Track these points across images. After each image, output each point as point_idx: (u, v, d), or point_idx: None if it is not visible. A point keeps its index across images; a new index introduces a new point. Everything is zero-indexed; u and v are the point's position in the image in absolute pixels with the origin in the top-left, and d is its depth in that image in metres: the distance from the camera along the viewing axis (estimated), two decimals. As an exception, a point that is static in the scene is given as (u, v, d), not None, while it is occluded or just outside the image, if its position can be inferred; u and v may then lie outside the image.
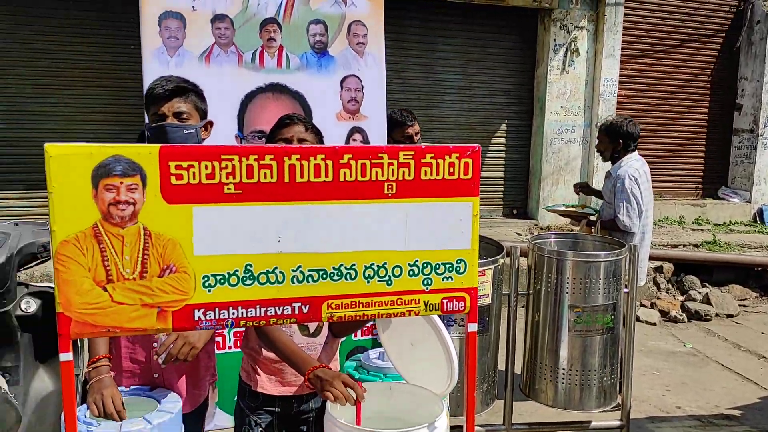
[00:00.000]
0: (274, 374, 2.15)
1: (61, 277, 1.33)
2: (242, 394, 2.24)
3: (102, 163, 1.31)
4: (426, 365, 1.88)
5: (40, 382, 2.90)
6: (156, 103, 2.18)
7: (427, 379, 1.89)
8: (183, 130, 2.18)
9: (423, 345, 1.85)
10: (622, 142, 4.22)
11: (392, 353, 2.01)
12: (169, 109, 2.18)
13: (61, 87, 6.82)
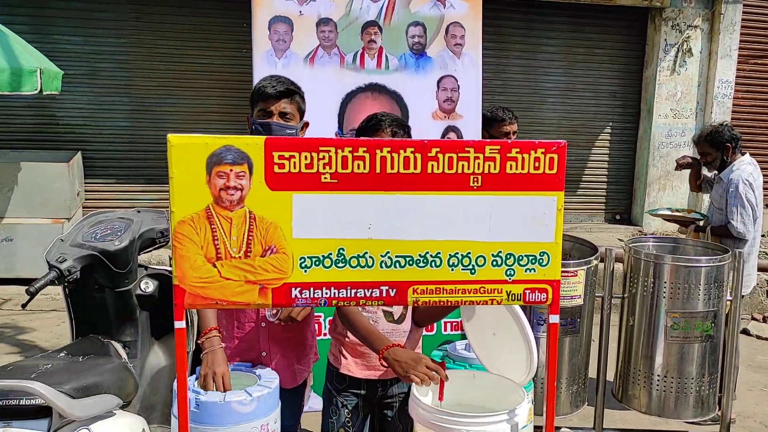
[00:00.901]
0: (359, 357, 2.27)
1: (177, 253, 1.49)
2: (330, 377, 2.37)
3: (215, 152, 1.47)
4: (507, 355, 1.93)
5: (155, 357, 3.17)
6: (265, 101, 2.34)
7: (509, 369, 1.94)
8: (286, 130, 2.34)
9: (504, 335, 1.90)
10: (730, 146, 4.05)
11: (475, 343, 2.07)
12: (276, 108, 2.34)
13: (181, 88, 7.32)
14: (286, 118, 2.36)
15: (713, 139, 4.11)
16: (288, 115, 2.36)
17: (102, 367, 2.36)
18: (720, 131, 4.10)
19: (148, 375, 3.07)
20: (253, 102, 2.41)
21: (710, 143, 4.12)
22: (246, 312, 2.33)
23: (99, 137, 7.33)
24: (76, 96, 7.06)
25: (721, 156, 4.11)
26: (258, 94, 2.38)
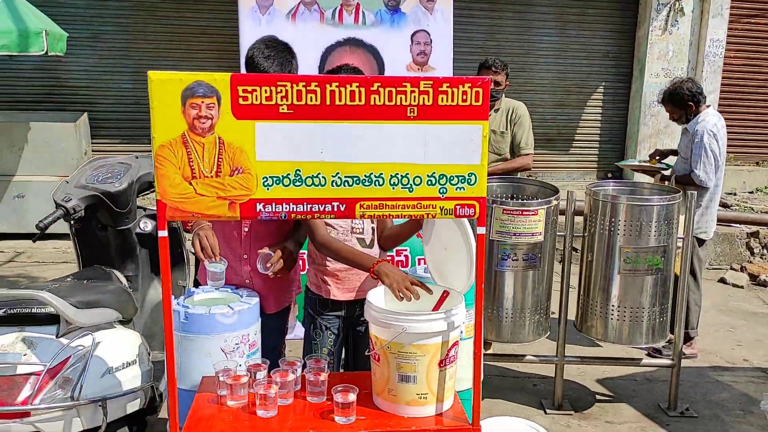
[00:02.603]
0: (340, 282, 2.56)
1: (159, 173, 1.78)
2: (311, 304, 2.66)
3: (188, 87, 1.74)
4: (454, 267, 2.21)
5: (154, 291, 3.49)
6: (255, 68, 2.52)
7: (454, 279, 2.22)
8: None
9: (453, 250, 2.18)
10: (692, 104, 4.25)
11: (430, 260, 2.36)
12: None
13: (180, 50, 7.57)
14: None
15: (674, 97, 4.29)
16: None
17: (104, 288, 2.68)
18: (679, 91, 4.27)
19: (148, 307, 3.40)
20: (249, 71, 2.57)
21: (672, 102, 4.32)
22: (233, 248, 2.62)
23: (103, 98, 7.61)
24: (81, 58, 7.32)
25: (685, 114, 4.30)
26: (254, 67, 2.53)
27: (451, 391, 2.12)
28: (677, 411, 3.68)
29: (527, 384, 4.00)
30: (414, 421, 2.02)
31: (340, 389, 2.00)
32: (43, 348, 2.22)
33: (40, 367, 2.17)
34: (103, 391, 2.31)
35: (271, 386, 2.03)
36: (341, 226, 2.48)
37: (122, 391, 2.40)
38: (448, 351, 2.04)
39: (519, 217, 3.28)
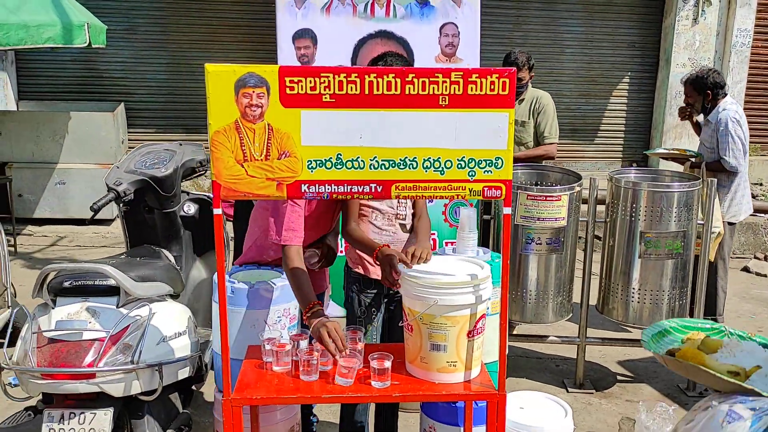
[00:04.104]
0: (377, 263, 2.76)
1: (214, 156, 1.96)
2: (355, 283, 2.83)
3: (241, 78, 1.92)
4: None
5: (196, 271, 3.70)
6: None
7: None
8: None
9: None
10: (710, 93, 4.33)
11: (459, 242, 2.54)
12: None
13: (215, 42, 7.77)
14: None
15: (696, 83, 4.38)
16: None
17: (156, 264, 2.89)
18: (704, 77, 4.36)
19: (191, 286, 3.61)
20: None
21: (693, 87, 4.41)
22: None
23: (140, 89, 7.86)
24: (117, 50, 7.55)
25: (702, 101, 4.39)
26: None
27: (479, 360, 2.29)
28: (696, 392, 3.80)
29: (550, 364, 4.15)
30: (444, 387, 2.20)
31: (377, 356, 2.18)
32: (105, 317, 2.44)
33: (104, 333, 2.39)
34: (159, 357, 2.52)
35: (312, 353, 2.21)
36: (387, 212, 2.68)
37: (175, 358, 2.61)
38: (476, 323, 2.21)
39: (543, 203, 3.42)
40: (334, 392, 2.17)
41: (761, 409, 1.15)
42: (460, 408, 2.56)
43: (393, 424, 3.04)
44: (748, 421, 1.13)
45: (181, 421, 2.75)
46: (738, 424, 1.13)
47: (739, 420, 1.14)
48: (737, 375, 1.32)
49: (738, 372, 1.32)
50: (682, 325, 1.62)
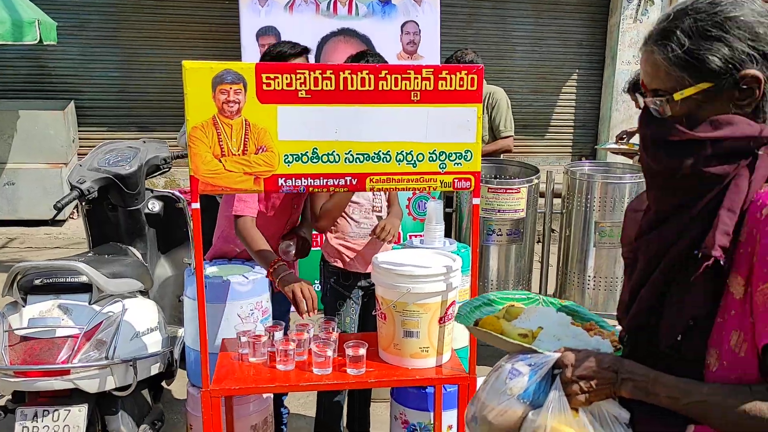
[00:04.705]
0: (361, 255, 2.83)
1: (192, 151, 2.00)
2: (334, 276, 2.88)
3: (218, 74, 1.96)
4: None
5: (161, 269, 3.70)
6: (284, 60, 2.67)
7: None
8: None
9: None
10: None
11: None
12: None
13: (168, 39, 7.67)
14: None
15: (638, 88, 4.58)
16: None
17: (125, 261, 2.89)
18: None
19: (156, 284, 3.61)
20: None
21: (638, 92, 4.61)
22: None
23: (90, 87, 7.70)
24: (67, 47, 7.39)
25: None
26: (279, 56, 2.70)
27: (449, 346, 2.38)
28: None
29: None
30: (417, 372, 2.28)
31: (352, 344, 2.24)
32: (78, 313, 2.43)
33: (77, 330, 2.39)
34: (133, 353, 2.53)
35: (288, 343, 2.27)
36: (364, 205, 2.76)
37: (148, 353, 2.62)
38: (447, 309, 2.30)
39: (503, 195, 3.55)
40: (311, 380, 2.23)
41: (536, 364, 1.28)
42: (429, 393, 2.66)
43: (365, 415, 3.12)
44: (526, 376, 1.26)
45: (155, 416, 2.77)
46: (518, 379, 1.27)
47: (519, 375, 1.27)
48: (526, 337, 1.45)
49: (527, 334, 1.45)
50: (502, 297, 1.77)
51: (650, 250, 1.20)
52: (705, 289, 1.12)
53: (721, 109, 1.14)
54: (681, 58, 1.14)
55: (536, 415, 1.24)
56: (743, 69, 1.11)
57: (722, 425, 1.11)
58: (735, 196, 1.09)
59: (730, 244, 1.09)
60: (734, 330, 1.10)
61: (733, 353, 1.11)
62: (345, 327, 2.84)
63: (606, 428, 1.23)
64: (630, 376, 1.19)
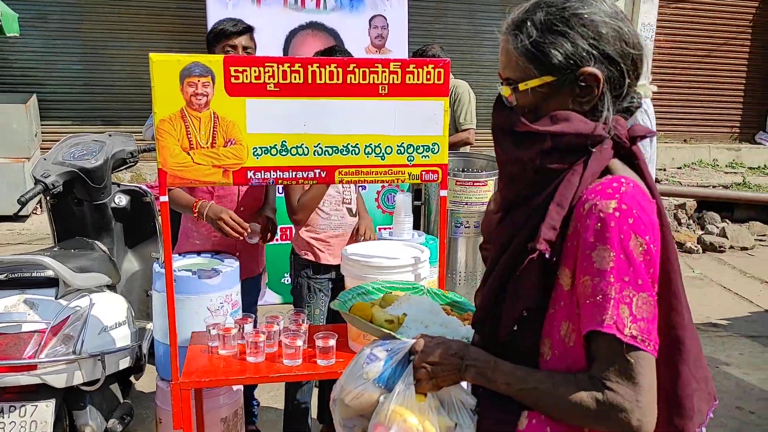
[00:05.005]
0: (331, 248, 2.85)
1: (160, 144, 1.99)
2: (304, 269, 2.89)
3: (186, 67, 1.96)
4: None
5: (128, 263, 3.66)
6: (228, 38, 2.71)
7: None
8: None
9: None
10: None
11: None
12: (240, 43, 2.72)
13: (132, 31, 7.56)
14: (247, 52, 2.75)
15: None
16: (249, 49, 2.76)
17: (91, 255, 2.87)
18: None
19: (123, 278, 3.57)
20: (214, 41, 2.75)
21: None
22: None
23: (53, 80, 7.56)
24: (29, 39, 7.24)
25: None
26: (220, 33, 2.72)
27: (418, 335, 2.42)
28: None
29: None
30: (386, 362, 2.31)
31: (321, 335, 2.26)
32: (44, 308, 2.41)
33: (43, 325, 2.36)
34: (101, 347, 2.51)
35: (258, 335, 2.28)
36: (334, 197, 2.77)
37: (116, 347, 2.61)
38: (415, 299, 2.33)
39: (470, 188, 3.60)
40: (281, 371, 2.24)
41: (393, 349, 1.31)
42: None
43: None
44: (382, 361, 1.30)
45: (123, 410, 2.75)
46: (374, 364, 1.30)
47: (376, 360, 1.31)
48: (392, 323, 1.48)
49: (393, 320, 1.49)
50: (387, 285, 1.81)
51: (497, 241, 1.22)
52: (536, 281, 1.13)
53: (563, 104, 1.15)
54: (528, 49, 1.16)
55: (386, 398, 1.27)
56: (584, 66, 1.13)
57: (550, 412, 1.14)
58: (565, 191, 1.11)
59: (558, 238, 1.11)
60: (564, 321, 1.13)
61: (563, 343, 1.13)
62: (315, 319, 2.86)
63: (453, 413, 1.26)
64: (473, 363, 1.20)
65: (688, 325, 1.18)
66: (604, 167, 1.13)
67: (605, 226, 1.05)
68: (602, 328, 1.05)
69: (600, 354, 1.08)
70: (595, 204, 1.07)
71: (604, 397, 1.06)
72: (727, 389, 3.83)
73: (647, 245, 1.07)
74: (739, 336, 4.62)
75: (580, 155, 1.13)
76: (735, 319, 4.94)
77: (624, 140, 1.16)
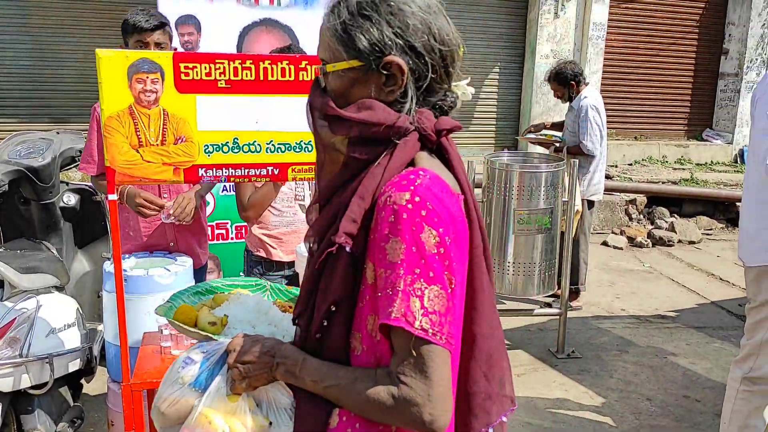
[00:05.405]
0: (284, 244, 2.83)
1: (108, 141, 1.96)
2: (256, 266, 2.87)
3: (134, 63, 1.92)
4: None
5: (78, 264, 3.59)
6: (140, 34, 2.61)
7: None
8: None
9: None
10: (574, 83, 4.77)
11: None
12: (152, 39, 2.63)
13: (81, 26, 7.37)
14: (161, 48, 2.65)
15: (559, 78, 4.82)
16: (162, 45, 2.66)
17: (39, 256, 2.80)
18: (563, 71, 4.80)
19: (73, 279, 3.50)
20: (127, 34, 2.66)
21: (557, 81, 4.84)
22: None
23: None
24: (-28, 34, 7.01)
25: (569, 91, 4.83)
26: (133, 27, 2.62)
27: (373, 332, 2.43)
28: (565, 354, 4.18)
29: (435, 338, 4.40)
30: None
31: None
32: (-12, 311, 2.35)
33: (-12, 328, 2.30)
34: (49, 350, 2.45)
35: (212, 334, 2.26)
36: (286, 193, 2.77)
37: (65, 350, 2.55)
38: (370, 296, 2.34)
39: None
40: (235, 371, 2.23)
41: (209, 351, 1.29)
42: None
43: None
44: (198, 364, 1.27)
45: (74, 413, 2.69)
46: (190, 367, 1.27)
47: (191, 364, 1.28)
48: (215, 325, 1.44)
49: (215, 322, 1.44)
50: (228, 284, 1.75)
51: (315, 234, 1.19)
52: (343, 275, 1.11)
53: (369, 92, 1.13)
54: (338, 30, 1.13)
55: (200, 402, 1.23)
56: (388, 55, 1.11)
57: (352, 408, 1.11)
58: (368, 184, 1.09)
59: (363, 231, 1.08)
60: (370, 314, 1.11)
61: (371, 337, 1.11)
62: None
63: (271, 413, 1.23)
64: (283, 361, 1.18)
65: (484, 323, 1.17)
66: (410, 160, 1.12)
67: (398, 218, 1.03)
68: (390, 321, 1.03)
69: (397, 348, 1.06)
70: (389, 196, 1.05)
71: (399, 391, 1.04)
72: (675, 379, 3.95)
73: (441, 237, 1.04)
74: (686, 327, 4.77)
75: (385, 146, 1.11)
76: (682, 310, 5.10)
77: (430, 133, 1.14)
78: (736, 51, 9.95)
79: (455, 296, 1.07)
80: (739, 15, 9.87)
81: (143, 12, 2.66)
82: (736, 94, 9.99)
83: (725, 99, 10.21)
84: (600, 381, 3.89)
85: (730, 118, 10.11)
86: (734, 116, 10.02)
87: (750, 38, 9.78)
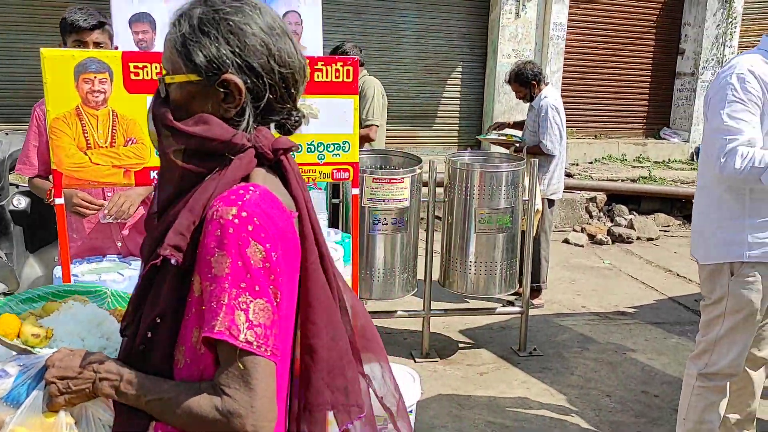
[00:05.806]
0: None
1: (54, 143, 1.89)
2: None
3: (81, 63, 1.87)
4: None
5: (30, 268, 3.48)
6: (79, 33, 2.48)
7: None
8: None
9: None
10: (535, 83, 4.81)
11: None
12: (91, 39, 2.49)
13: (31, 24, 7.17)
14: (100, 47, 2.51)
15: (519, 78, 4.85)
16: (102, 45, 2.53)
17: (-15, 262, 2.69)
18: (524, 72, 4.83)
19: (24, 285, 3.39)
20: (65, 33, 2.53)
21: (518, 82, 4.87)
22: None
23: (-53, 74, 7.08)
24: None
25: (530, 91, 4.86)
26: (71, 26, 2.49)
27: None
28: (527, 351, 4.21)
29: (398, 338, 4.39)
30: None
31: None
32: (-70, 320, 2.24)
33: (-71, 338, 2.20)
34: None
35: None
36: None
37: (14, 359, 2.46)
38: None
39: (387, 185, 3.61)
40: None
41: (27, 365, 1.25)
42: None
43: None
44: (13, 377, 1.22)
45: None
46: (4, 380, 1.23)
47: (6, 377, 1.23)
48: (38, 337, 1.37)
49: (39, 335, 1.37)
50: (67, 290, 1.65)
51: (148, 243, 1.19)
52: (169, 287, 1.11)
53: (208, 106, 1.15)
54: (178, 43, 1.14)
55: (12, 419, 1.18)
56: (226, 72, 1.12)
57: (175, 422, 1.11)
58: (198, 196, 1.10)
59: (192, 244, 1.09)
60: (195, 327, 1.11)
61: (194, 350, 1.12)
62: None
63: (89, 430, 1.19)
64: (106, 375, 1.15)
65: (323, 335, 1.20)
66: (245, 176, 1.14)
67: (224, 232, 1.05)
68: (213, 334, 1.04)
69: (222, 361, 1.07)
70: (216, 210, 1.07)
71: (223, 403, 1.05)
72: (633, 375, 4.01)
73: (267, 253, 1.07)
74: (644, 323, 4.85)
75: (221, 161, 1.13)
76: (641, 306, 5.19)
77: (266, 151, 1.16)
78: (692, 51, 10.18)
79: (281, 309, 1.09)
80: (694, 15, 10.09)
81: (82, 10, 2.55)
82: (693, 93, 10.21)
83: (682, 98, 10.43)
84: (561, 378, 3.93)
85: (686, 116, 10.33)
86: (690, 115, 10.25)
87: (705, 38, 10.01)
